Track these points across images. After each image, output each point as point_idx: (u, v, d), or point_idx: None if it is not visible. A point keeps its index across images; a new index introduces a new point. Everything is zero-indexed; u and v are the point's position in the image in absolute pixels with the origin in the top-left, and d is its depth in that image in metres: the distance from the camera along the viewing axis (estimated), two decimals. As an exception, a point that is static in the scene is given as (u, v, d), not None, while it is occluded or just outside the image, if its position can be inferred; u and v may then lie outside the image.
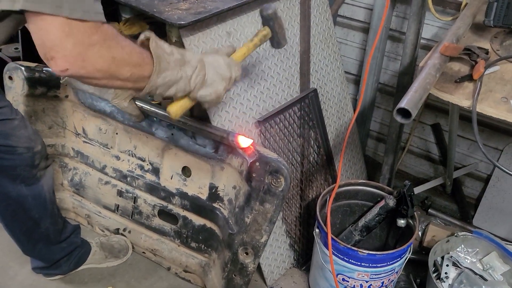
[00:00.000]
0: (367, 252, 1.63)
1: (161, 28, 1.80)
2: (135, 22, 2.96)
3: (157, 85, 1.21)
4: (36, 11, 0.99)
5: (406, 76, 2.10)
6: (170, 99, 1.36)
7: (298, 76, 2.07)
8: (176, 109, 1.33)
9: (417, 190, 2.45)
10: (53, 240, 1.94)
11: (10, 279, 2.11)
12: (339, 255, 1.70)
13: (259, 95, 1.88)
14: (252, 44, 1.44)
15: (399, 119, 1.24)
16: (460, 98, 1.33)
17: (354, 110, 2.45)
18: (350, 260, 1.68)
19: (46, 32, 1.01)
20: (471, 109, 1.29)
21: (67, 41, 1.01)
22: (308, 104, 2.05)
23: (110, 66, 1.09)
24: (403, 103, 1.23)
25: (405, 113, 1.25)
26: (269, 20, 1.44)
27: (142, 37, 1.22)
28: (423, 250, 2.24)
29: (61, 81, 1.82)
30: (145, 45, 1.21)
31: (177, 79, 1.24)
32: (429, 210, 2.48)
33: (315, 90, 2.06)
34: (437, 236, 2.20)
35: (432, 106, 2.41)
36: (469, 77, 1.37)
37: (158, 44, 1.21)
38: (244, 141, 1.57)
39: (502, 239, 2.21)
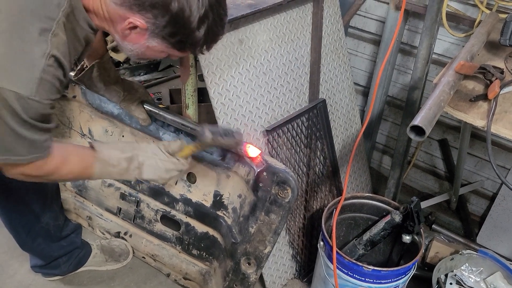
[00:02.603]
0: (371, 268, 1.61)
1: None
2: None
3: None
4: None
5: (416, 91, 2.08)
6: None
7: (308, 86, 2.06)
8: None
9: (422, 205, 2.42)
10: (53, 237, 1.92)
11: (9, 278, 2.09)
12: (343, 269, 1.68)
13: (268, 104, 1.87)
14: (195, 150, 1.54)
15: (412, 136, 1.23)
16: (474, 117, 1.31)
17: (361, 122, 2.44)
18: (354, 275, 1.66)
19: None
20: (485, 129, 1.27)
21: (12, 171, 1.23)
22: (316, 115, 2.03)
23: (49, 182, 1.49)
24: (417, 121, 1.22)
25: (418, 130, 1.23)
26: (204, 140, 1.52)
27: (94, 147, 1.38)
28: (425, 266, 2.22)
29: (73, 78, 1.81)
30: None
31: (115, 178, 1.53)
32: (433, 225, 2.46)
33: (323, 101, 2.04)
34: (441, 253, 2.17)
35: (440, 121, 2.39)
36: (484, 97, 1.36)
37: (106, 163, 1.38)
38: (252, 151, 1.55)
39: (506, 258, 2.20)
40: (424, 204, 2.45)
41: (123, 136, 2.00)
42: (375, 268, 1.62)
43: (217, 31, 1.23)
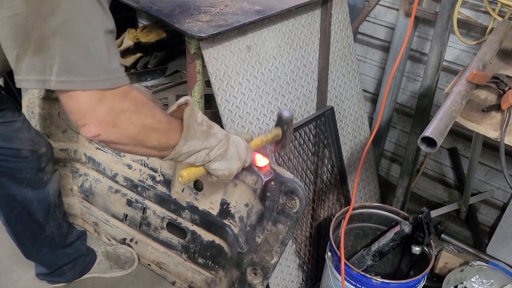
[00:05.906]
0: (381, 280, 1.58)
1: (178, 36, 1.77)
2: (152, 29, 2.96)
3: (181, 153, 1.19)
4: (68, 89, 0.97)
5: (426, 98, 2.05)
6: None
7: (316, 93, 2.03)
8: (189, 174, 1.30)
9: (431, 214, 2.40)
10: (58, 245, 1.91)
11: (13, 284, 2.08)
12: (351, 281, 1.65)
13: (276, 111, 1.85)
14: (265, 140, 1.46)
15: (423, 147, 1.20)
16: (487, 128, 1.28)
17: (370, 129, 2.41)
18: (362, 287, 1.63)
19: (77, 102, 1.00)
20: (498, 140, 1.24)
21: (100, 108, 1.00)
22: (324, 122, 2.01)
23: (140, 133, 1.09)
24: (428, 132, 1.19)
25: (429, 141, 1.20)
26: (284, 124, 1.46)
27: (182, 100, 1.19)
28: (434, 277, 2.19)
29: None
30: (180, 109, 1.19)
31: (200, 149, 1.23)
32: (442, 235, 2.42)
33: (331, 108, 2.02)
34: (450, 263, 2.14)
35: (450, 130, 2.34)
36: (497, 107, 1.33)
37: (194, 112, 1.20)
38: (261, 160, 1.52)
39: (517, 270, 2.15)
40: (433, 214, 2.42)
41: (129, 142, 1.99)
42: (384, 280, 1.59)
43: None
